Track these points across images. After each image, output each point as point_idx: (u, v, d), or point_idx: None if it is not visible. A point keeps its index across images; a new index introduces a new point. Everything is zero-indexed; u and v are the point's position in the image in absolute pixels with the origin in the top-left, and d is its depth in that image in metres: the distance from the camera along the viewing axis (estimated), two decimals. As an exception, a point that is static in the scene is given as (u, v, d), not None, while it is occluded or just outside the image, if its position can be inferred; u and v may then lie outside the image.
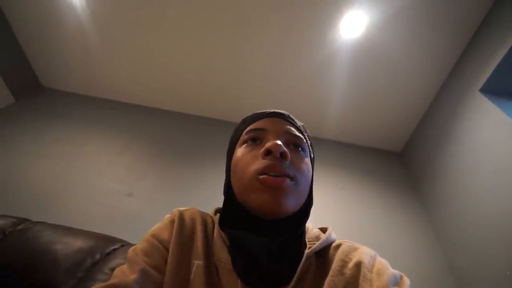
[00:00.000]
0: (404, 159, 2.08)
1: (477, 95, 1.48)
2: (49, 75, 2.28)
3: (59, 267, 0.68)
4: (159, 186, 1.65)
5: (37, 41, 2.09)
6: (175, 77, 2.09)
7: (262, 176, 0.42)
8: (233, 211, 0.48)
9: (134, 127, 2.05)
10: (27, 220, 0.88)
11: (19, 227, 0.79)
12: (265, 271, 0.42)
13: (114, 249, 0.77)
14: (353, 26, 1.64)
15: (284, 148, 0.44)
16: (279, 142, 0.44)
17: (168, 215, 0.51)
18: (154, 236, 0.47)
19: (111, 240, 0.82)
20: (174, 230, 0.47)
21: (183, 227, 0.48)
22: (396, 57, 1.74)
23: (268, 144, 0.44)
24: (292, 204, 0.43)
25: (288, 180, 0.43)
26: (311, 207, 0.51)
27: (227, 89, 2.07)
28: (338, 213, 1.62)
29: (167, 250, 0.45)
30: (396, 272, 0.44)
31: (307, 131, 0.56)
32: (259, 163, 0.44)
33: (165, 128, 2.08)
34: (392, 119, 2.00)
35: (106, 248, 0.78)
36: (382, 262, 0.45)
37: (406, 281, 0.43)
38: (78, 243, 0.75)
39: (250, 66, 1.94)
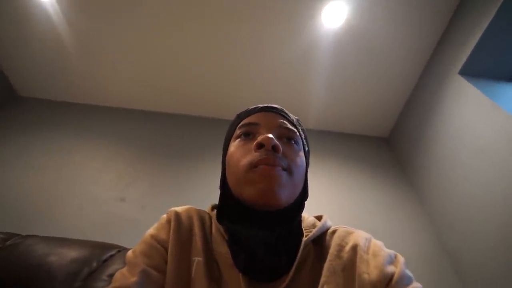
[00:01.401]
0: (391, 144, 2.13)
1: (456, 77, 1.53)
2: (24, 84, 2.18)
3: (55, 279, 0.67)
4: (152, 189, 1.62)
5: (8, 49, 2.00)
6: (158, 77, 2.05)
7: (254, 169, 0.43)
8: (229, 205, 0.48)
9: (122, 131, 2.00)
10: (16, 234, 0.86)
11: (8, 242, 0.77)
12: (265, 263, 0.43)
13: (111, 255, 0.76)
14: (334, 15, 1.66)
15: (276, 141, 0.44)
16: (270, 135, 0.44)
17: (164, 215, 0.51)
18: (152, 236, 0.47)
19: (107, 246, 0.81)
20: (172, 229, 0.47)
21: (180, 226, 0.48)
22: (378, 44, 1.77)
23: (260, 138, 0.45)
24: (286, 195, 0.43)
25: (280, 169, 0.43)
26: (306, 199, 0.52)
27: (211, 85, 2.05)
28: (332, 202, 1.65)
29: (166, 249, 0.45)
30: (391, 251, 0.46)
31: (301, 124, 0.57)
32: (252, 156, 0.44)
33: (153, 130, 2.05)
34: (377, 105, 2.04)
35: (102, 255, 0.77)
36: (377, 243, 0.47)
37: (401, 259, 0.45)
38: (73, 253, 0.74)
39: (234, 60, 1.92)
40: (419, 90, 1.88)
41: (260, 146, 0.44)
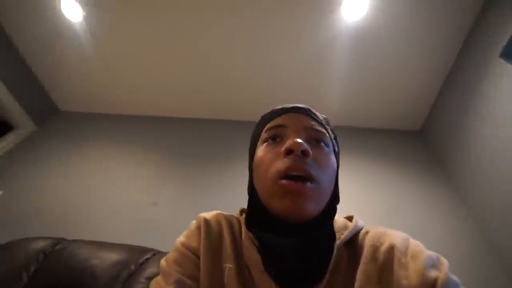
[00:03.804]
0: (424, 137, 2.00)
1: (497, 61, 1.40)
2: (63, 99, 2.37)
3: (98, 282, 0.71)
4: (182, 192, 1.68)
5: (47, 67, 2.17)
6: (182, 83, 2.12)
7: (282, 181, 0.42)
8: (258, 212, 0.47)
9: (150, 138, 2.10)
10: (63, 239, 0.92)
11: (58, 247, 0.84)
12: (297, 270, 0.42)
13: (147, 259, 0.79)
14: (355, 8, 1.60)
15: (306, 146, 0.42)
16: (299, 140, 0.43)
17: (193, 222, 0.51)
18: (183, 245, 0.47)
19: (143, 250, 0.84)
20: (202, 236, 0.47)
21: (210, 232, 0.48)
22: (404, 32, 1.67)
23: (288, 143, 0.43)
24: (312, 207, 0.42)
25: (308, 184, 0.41)
26: (337, 203, 0.49)
27: (234, 87, 2.07)
28: (363, 201, 1.59)
29: (198, 257, 0.46)
30: (432, 253, 0.41)
31: (330, 124, 0.54)
32: (281, 163, 0.43)
33: (180, 135, 2.12)
34: (406, 97, 1.93)
35: (139, 258, 0.81)
36: (416, 244, 0.43)
37: (444, 262, 0.40)
38: (113, 257, 0.78)
39: (254, 59, 1.91)
40: (453, 78, 1.75)
41: (289, 152, 0.43)
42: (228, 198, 1.47)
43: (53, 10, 1.84)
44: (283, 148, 0.43)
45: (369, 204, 1.58)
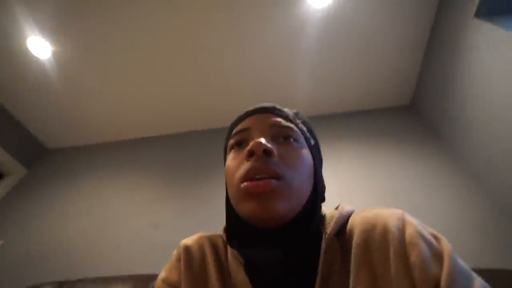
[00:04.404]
0: (416, 110, 1.99)
1: (473, 22, 1.40)
2: (50, 137, 2.33)
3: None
4: (182, 210, 1.64)
5: (27, 108, 2.14)
6: (161, 100, 2.08)
7: (244, 184, 0.39)
8: (236, 225, 0.45)
9: (142, 160, 2.06)
10: (68, 281, 0.90)
11: (60, 290, 0.80)
12: (287, 284, 0.39)
13: (153, 287, 0.76)
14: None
15: (267, 145, 0.40)
16: (259, 140, 0.40)
17: (174, 251, 0.49)
18: (163, 281, 0.45)
19: (148, 278, 0.82)
20: (182, 267, 0.44)
21: (191, 261, 0.45)
22: (378, 7, 1.64)
23: (250, 145, 0.41)
24: (284, 205, 0.38)
25: (273, 181, 0.38)
26: (320, 199, 0.47)
27: (212, 94, 2.03)
28: (366, 186, 1.56)
29: None
30: (431, 238, 0.36)
31: (301, 117, 0.51)
32: (243, 168, 0.40)
33: (171, 152, 2.09)
34: (391, 73, 1.92)
35: (146, 287, 0.78)
36: (412, 224, 0.37)
37: (446, 248, 0.35)
38: (118, 291, 0.75)
39: (224, 61, 1.86)
40: (434, 47, 1.74)
41: (251, 153, 0.40)
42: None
43: (20, 51, 1.81)
44: (245, 151, 0.41)
45: (371, 187, 1.54)
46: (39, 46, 1.76)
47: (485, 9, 1.36)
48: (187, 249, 0.47)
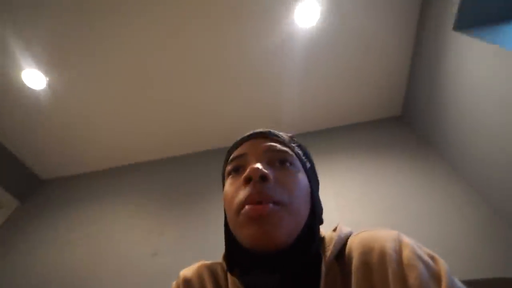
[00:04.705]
0: (407, 120, 2.03)
1: (452, 34, 1.46)
2: (43, 168, 2.30)
3: None
4: (182, 235, 1.61)
5: (19, 139, 2.12)
6: (154, 124, 2.08)
7: (245, 209, 0.39)
8: (235, 251, 0.45)
9: (138, 186, 2.04)
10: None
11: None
12: None
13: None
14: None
15: (263, 170, 0.41)
16: (256, 165, 0.41)
17: (173, 283, 0.49)
18: None
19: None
20: None
21: None
22: (366, 23, 1.71)
23: (246, 171, 0.41)
24: (284, 231, 0.39)
25: (271, 205, 0.39)
26: (318, 221, 0.47)
27: (197, 114, 2.03)
28: (362, 198, 1.55)
29: None
30: (427, 259, 0.36)
31: (296, 141, 0.53)
32: (242, 194, 0.41)
33: (167, 176, 2.07)
34: (379, 86, 1.96)
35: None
36: (409, 245, 0.38)
37: (443, 268, 0.35)
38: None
39: (212, 81, 1.88)
40: (419, 58, 1.80)
41: (248, 180, 0.41)
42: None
43: (15, 83, 1.82)
44: (242, 177, 0.42)
45: (369, 199, 1.53)
46: (33, 78, 1.78)
47: (464, 22, 1.42)
48: (186, 281, 0.47)
